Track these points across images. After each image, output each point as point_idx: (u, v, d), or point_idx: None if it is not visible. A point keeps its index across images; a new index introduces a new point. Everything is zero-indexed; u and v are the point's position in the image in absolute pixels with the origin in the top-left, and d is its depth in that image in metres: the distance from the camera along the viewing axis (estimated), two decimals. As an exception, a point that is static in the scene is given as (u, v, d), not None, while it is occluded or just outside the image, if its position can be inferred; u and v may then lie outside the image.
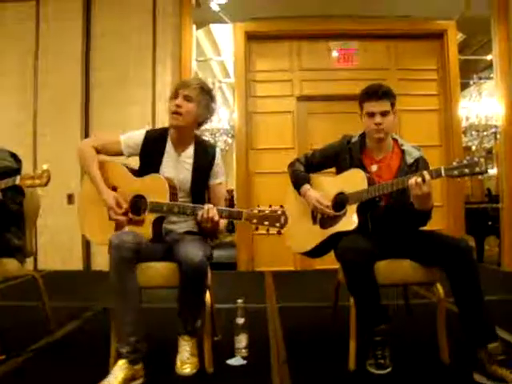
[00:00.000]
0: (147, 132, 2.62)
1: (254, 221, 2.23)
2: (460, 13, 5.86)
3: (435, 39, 6.10)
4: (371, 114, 2.49)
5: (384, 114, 2.47)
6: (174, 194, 2.44)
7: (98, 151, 2.59)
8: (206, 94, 2.52)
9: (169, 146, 2.59)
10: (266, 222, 2.22)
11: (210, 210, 2.28)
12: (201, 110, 2.51)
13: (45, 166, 2.49)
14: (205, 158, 2.58)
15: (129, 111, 5.70)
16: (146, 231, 2.38)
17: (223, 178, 2.65)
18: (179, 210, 2.35)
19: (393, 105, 2.51)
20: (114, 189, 2.52)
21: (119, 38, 5.77)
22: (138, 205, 2.44)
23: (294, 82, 6.10)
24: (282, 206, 2.27)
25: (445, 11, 5.92)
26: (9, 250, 2.73)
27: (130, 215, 2.43)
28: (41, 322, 2.98)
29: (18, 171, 2.71)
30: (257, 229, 2.31)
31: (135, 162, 2.63)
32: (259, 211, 2.23)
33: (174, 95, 2.50)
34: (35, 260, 5.54)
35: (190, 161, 2.57)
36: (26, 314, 3.35)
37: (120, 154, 2.61)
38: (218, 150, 2.65)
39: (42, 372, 2.36)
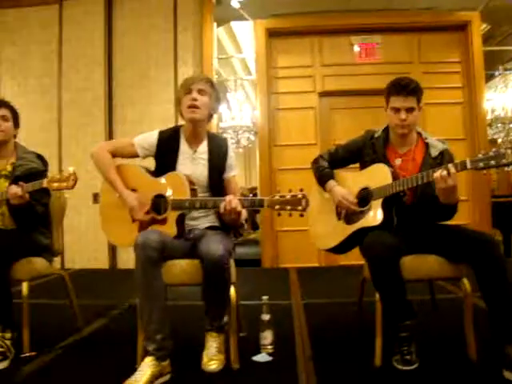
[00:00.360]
0: (160, 132, 2.65)
1: (277, 207, 2.23)
2: (484, 3, 5.76)
3: (459, 31, 5.99)
4: (397, 110, 2.46)
5: (409, 110, 2.45)
6: (193, 190, 2.47)
7: (113, 155, 2.63)
8: (214, 87, 2.60)
9: (183, 144, 2.62)
10: (288, 207, 2.22)
11: (232, 201, 2.28)
12: (213, 102, 2.59)
13: (71, 169, 2.51)
14: (219, 151, 2.62)
15: (151, 110, 5.75)
16: (171, 229, 2.40)
17: (236, 171, 2.70)
18: (201, 204, 2.37)
19: (419, 100, 2.48)
20: (134, 191, 2.54)
21: (140, 37, 5.82)
22: (159, 204, 2.46)
23: (316, 78, 6.06)
24: (301, 190, 2.26)
25: (468, 2, 5.83)
26: (37, 250, 2.78)
27: (153, 215, 2.46)
28: (69, 319, 3.04)
29: (44, 173, 2.76)
30: (279, 214, 2.33)
31: (149, 163, 2.67)
32: (280, 196, 2.24)
33: (187, 91, 2.53)
34: (62, 259, 5.62)
35: (205, 156, 2.60)
36: (54, 312, 3.42)
37: (135, 156, 2.64)
38: (229, 144, 2.70)
39: (70, 369, 2.40)
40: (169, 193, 2.44)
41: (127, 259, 5.55)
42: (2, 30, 5.99)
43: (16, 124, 2.93)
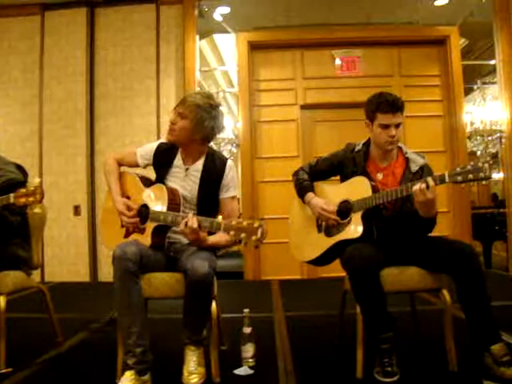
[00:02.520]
0: (160, 143, 2.69)
1: (232, 232, 2.12)
2: (462, 18, 5.87)
3: (438, 45, 6.09)
4: (386, 126, 2.47)
5: (398, 125, 2.48)
6: (174, 204, 2.44)
7: (120, 163, 2.72)
8: (201, 111, 2.46)
9: (178, 159, 2.62)
10: (243, 235, 2.09)
11: (190, 220, 2.26)
12: (195, 126, 2.47)
13: (37, 181, 2.48)
14: (213, 170, 2.57)
15: (134, 123, 5.75)
16: (146, 239, 2.40)
17: (235, 192, 2.63)
18: (172, 219, 2.35)
19: (403, 115, 2.51)
20: (128, 198, 2.59)
21: (123, 49, 5.83)
22: (143, 213, 2.47)
23: (298, 91, 6.11)
24: (262, 219, 2.20)
25: (447, 17, 5.94)
26: (15, 263, 2.74)
27: (137, 222, 2.47)
28: (47, 334, 3.00)
29: (23, 184, 2.71)
30: (240, 242, 2.20)
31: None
32: (237, 222, 2.12)
33: (172, 112, 2.55)
34: (42, 272, 5.56)
35: (198, 174, 2.57)
36: (32, 327, 3.37)
37: (137, 165, 2.71)
38: (229, 163, 2.62)
39: (49, 384, 2.36)
40: (151, 204, 2.45)
41: (108, 272, 5.49)
42: (-19, 41, 5.95)
43: None
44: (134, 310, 2.21)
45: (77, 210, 5.65)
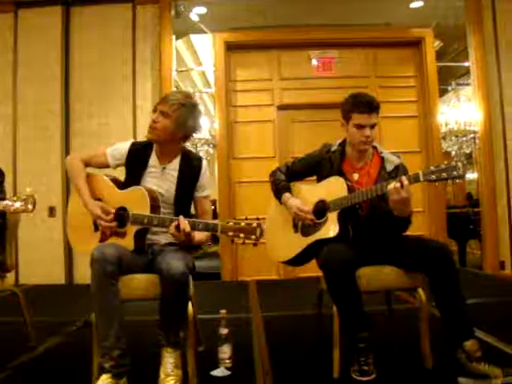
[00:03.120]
0: (132, 144, 2.65)
1: (230, 233, 2.21)
2: (437, 21, 5.94)
3: (413, 47, 6.16)
4: (361, 126, 2.48)
5: (373, 126, 2.49)
6: (155, 206, 2.43)
7: (86, 164, 2.63)
8: (184, 110, 2.48)
9: (153, 159, 2.59)
10: (242, 235, 2.19)
11: (181, 222, 2.27)
12: (177, 125, 2.48)
13: (28, 190, 2.41)
14: (190, 170, 2.57)
15: (110, 123, 5.68)
16: (129, 243, 2.38)
17: (209, 192, 2.67)
18: (158, 222, 2.34)
19: (378, 116, 2.52)
20: (99, 200, 2.52)
21: (98, 49, 5.75)
22: (121, 217, 2.43)
23: (275, 91, 6.12)
24: (258, 219, 2.26)
25: (422, 19, 6.00)
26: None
27: (115, 226, 2.43)
28: (22, 337, 2.95)
29: (1, 183, 2.67)
30: (232, 241, 2.30)
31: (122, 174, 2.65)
32: (235, 223, 2.21)
33: (154, 110, 2.53)
34: (16, 274, 5.46)
35: (175, 173, 2.57)
36: (6, 330, 3.31)
37: (107, 166, 2.64)
38: (204, 163, 2.64)
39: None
40: (130, 207, 2.40)
41: (84, 274, 5.40)
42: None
43: None
44: (112, 312, 2.19)
45: (52, 212, 5.57)
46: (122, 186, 2.57)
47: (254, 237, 2.19)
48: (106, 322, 2.18)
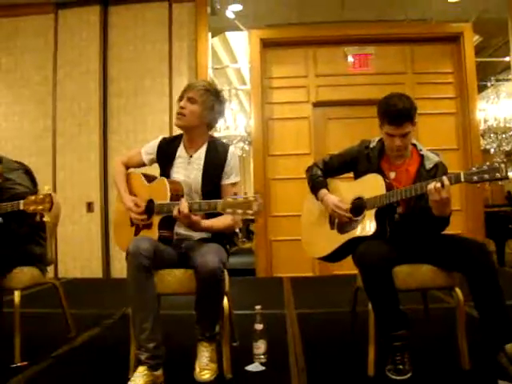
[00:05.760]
0: (163, 138, 2.72)
1: (229, 210, 2.13)
2: (476, 15, 5.82)
3: (451, 42, 6.05)
4: (391, 135, 2.44)
5: (405, 135, 2.42)
6: (177, 196, 2.44)
7: (127, 165, 2.74)
8: (210, 95, 2.54)
9: (180, 150, 2.64)
10: (239, 211, 2.10)
11: (180, 204, 2.29)
12: (205, 111, 2.54)
13: (46, 188, 2.46)
14: (216, 157, 2.58)
15: (146, 120, 5.78)
16: (153, 234, 2.42)
17: (237, 179, 2.62)
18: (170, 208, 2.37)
19: (413, 121, 2.43)
20: (135, 196, 2.60)
21: (135, 47, 5.85)
22: (148, 208, 2.49)
23: (310, 88, 6.10)
24: (256, 193, 2.23)
25: (461, 14, 5.90)
26: (30, 259, 2.77)
27: (145, 219, 2.49)
28: (61, 329, 3.04)
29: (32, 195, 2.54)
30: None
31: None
32: (233, 199, 2.13)
33: (180, 98, 2.58)
34: (56, 268, 5.60)
35: (201, 162, 2.59)
36: (47, 321, 3.40)
37: (143, 164, 2.73)
38: (231, 150, 2.63)
39: (62, 378, 2.39)
40: (156, 198, 2.45)
41: (121, 268, 5.53)
42: (-4, 39, 6.01)
43: None
44: (147, 305, 2.22)
45: (90, 207, 5.68)
46: (154, 180, 2.64)
47: (250, 211, 2.08)
48: (141, 314, 2.22)
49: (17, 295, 2.60)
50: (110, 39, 5.94)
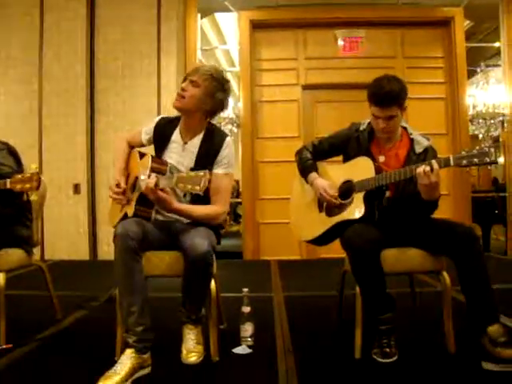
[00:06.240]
0: (160, 118, 2.69)
1: (181, 185, 2.11)
2: (467, 0, 5.80)
3: (442, 26, 6.04)
4: (377, 117, 2.43)
5: (390, 118, 2.40)
6: (158, 172, 2.36)
7: (130, 144, 2.72)
8: (214, 82, 2.46)
9: (176, 134, 2.58)
10: (189, 186, 2.08)
11: (148, 180, 2.24)
12: (206, 96, 2.45)
13: (33, 166, 2.42)
14: (211, 146, 2.52)
15: (134, 102, 5.71)
16: (129, 209, 2.40)
17: (229, 170, 2.54)
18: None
19: (401, 105, 2.40)
20: (129, 174, 2.60)
21: (124, 27, 5.76)
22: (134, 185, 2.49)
23: (300, 71, 6.07)
24: (207, 170, 2.15)
25: (452, -2, 5.88)
26: (16, 241, 2.73)
27: (129, 194, 2.48)
28: (47, 311, 3.02)
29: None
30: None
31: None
32: (187, 174, 2.13)
33: (184, 79, 2.51)
34: (42, 250, 5.56)
35: (195, 150, 2.53)
36: (32, 304, 3.38)
37: (142, 144, 2.70)
38: (227, 139, 2.55)
39: (48, 361, 2.37)
40: (140, 174, 2.38)
41: (108, 250, 5.51)
42: (-20, 18, 5.88)
43: None
44: (135, 288, 2.20)
45: (76, 189, 5.63)
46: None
47: (198, 187, 2.06)
48: (129, 298, 2.20)
49: (2, 277, 2.56)
50: (98, 20, 5.83)
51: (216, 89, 2.47)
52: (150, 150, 2.64)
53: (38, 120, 5.74)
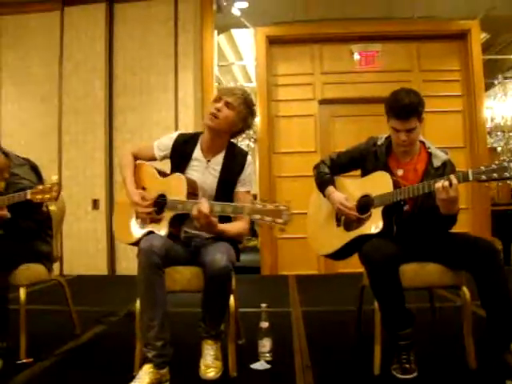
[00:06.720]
0: (179, 135, 2.67)
1: (257, 216, 2.11)
2: (484, 12, 5.78)
3: (458, 39, 6.03)
4: (397, 130, 2.41)
5: (410, 131, 2.39)
6: (193, 194, 2.42)
7: (136, 157, 2.69)
8: (247, 107, 2.53)
9: (197, 151, 2.60)
10: (269, 218, 2.07)
11: (201, 204, 2.25)
12: (238, 120, 2.52)
13: (54, 178, 2.46)
14: (234, 165, 2.56)
15: (152, 117, 5.76)
16: (162, 229, 2.38)
17: (251, 188, 2.61)
18: (191, 207, 2.32)
19: (420, 116, 2.39)
20: (144, 189, 2.57)
21: (141, 44, 5.84)
22: (160, 203, 2.46)
23: (316, 86, 6.09)
24: (288, 202, 2.15)
25: (468, 11, 5.86)
26: (36, 256, 2.76)
27: (152, 212, 2.45)
28: (66, 326, 3.04)
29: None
30: (260, 226, 2.25)
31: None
32: (262, 206, 2.11)
33: (217, 99, 2.52)
34: (61, 265, 5.61)
35: (219, 168, 2.56)
36: (52, 318, 3.41)
37: (154, 158, 2.67)
38: (249, 158, 2.62)
39: (67, 376, 2.39)
40: (169, 193, 2.42)
41: (126, 266, 5.53)
42: (3, 37, 6.02)
43: None
44: (157, 303, 2.21)
45: (95, 204, 5.69)
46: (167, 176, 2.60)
47: (280, 220, 2.04)
48: (150, 312, 2.20)
49: (22, 292, 2.60)
50: (116, 36, 5.93)
51: (248, 114, 2.54)
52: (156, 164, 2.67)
53: (57, 136, 5.83)
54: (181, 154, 2.59)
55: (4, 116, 6.00)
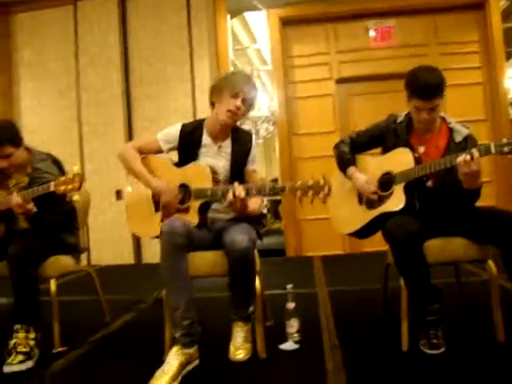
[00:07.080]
0: (183, 125, 2.65)
1: (298, 193, 2.19)
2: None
3: (476, 9, 5.88)
4: (419, 109, 2.37)
5: (433, 109, 2.35)
6: (216, 180, 2.48)
7: (140, 152, 2.66)
8: (255, 92, 2.59)
9: (206, 137, 2.62)
10: (310, 192, 2.17)
11: (236, 188, 2.29)
12: (249, 110, 2.62)
13: (75, 168, 2.48)
14: (242, 145, 2.62)
15: (169, 106, 5.78)
16: (193, 218, 2.41)
17: (256, 166, 2.69)
18: (222, 192, 2.35)
19: (442, 94, 2.35)
20: None
21: (155, 34, 5.84)
22: (182, 194, 2.48)
23: (332, 65, 6.03)
24: (324, 177, 2.22)
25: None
26: (64, 248, 2.81)
27: (176, 204, 2.48)
28: (97, 315, 3.11)
29: None
30: (300, 201, 2.27)
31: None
32: (302, 183, 2.20)
33: (234, 94, 2.50)
34: (88, 256, 5.70)
35: (229, 150, 2.60)
36: (82, 308, 3.49)
37: (159, 151, 2.66)
38: (253, 138, 2.71)
39: (100, 363, 2.45)
40: (192, 182, 2.45)
41: (152, 254, 5.61)
42: (18, 34, 6.08)
43: (17, 144, 2.68)
44: (181, 283, 2.23)
45: (118, 195, 5.75)
46: (176, 166, 2.63)
47: (322, 193, 2.17)
48: (176, 292, 2.23)
49: (53, 283, 2.66)
50: (129, 28, 5.94)
51: (255, 97, 2.59)
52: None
53: (77, 129, 5.90)
54: (190, 143, 2.60)
55: (24, 111, 6.08)
